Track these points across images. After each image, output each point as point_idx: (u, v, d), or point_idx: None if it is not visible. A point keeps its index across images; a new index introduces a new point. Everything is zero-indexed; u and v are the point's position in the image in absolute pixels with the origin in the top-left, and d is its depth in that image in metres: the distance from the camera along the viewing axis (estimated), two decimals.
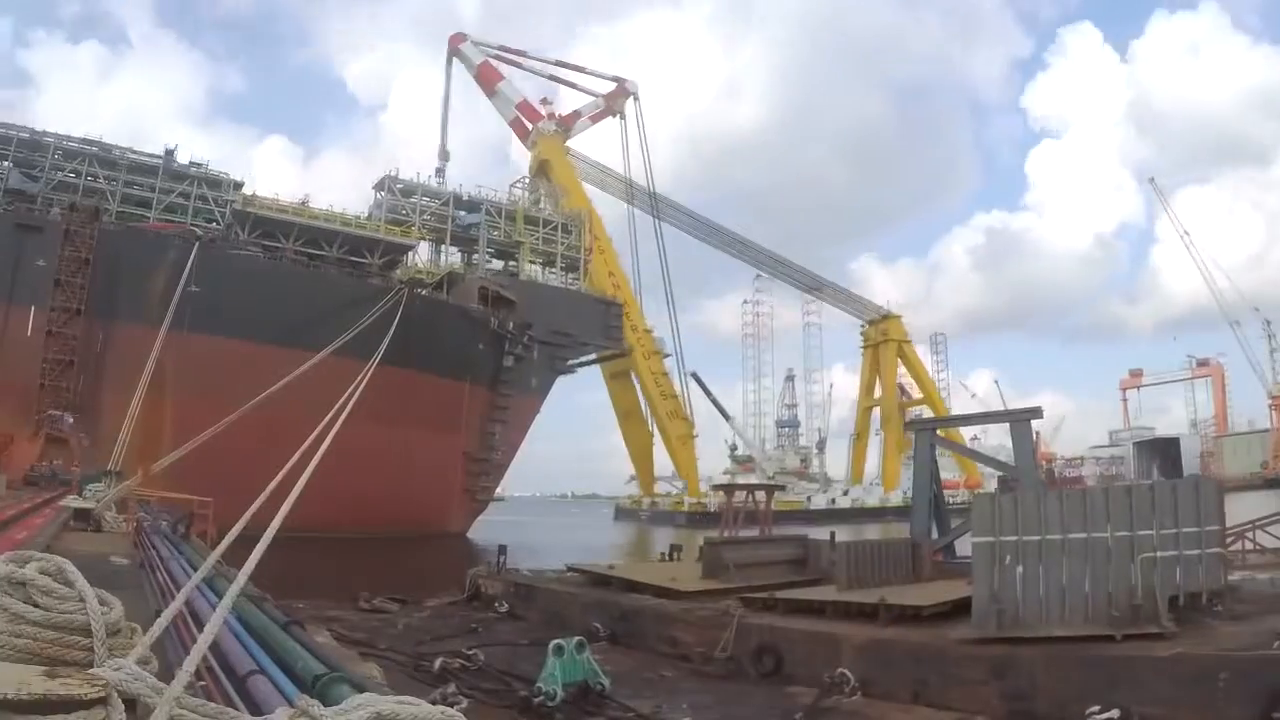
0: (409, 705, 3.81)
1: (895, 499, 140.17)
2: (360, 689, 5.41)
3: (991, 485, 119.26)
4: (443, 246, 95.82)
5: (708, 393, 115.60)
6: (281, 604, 14.26)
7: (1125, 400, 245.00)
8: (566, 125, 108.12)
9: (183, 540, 23.44)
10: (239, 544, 8.96)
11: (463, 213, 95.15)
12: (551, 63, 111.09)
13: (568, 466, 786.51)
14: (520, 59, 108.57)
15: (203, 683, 6.24)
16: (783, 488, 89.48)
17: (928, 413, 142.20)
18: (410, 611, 33.43)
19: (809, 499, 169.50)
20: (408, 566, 53.19)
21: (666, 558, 41.01)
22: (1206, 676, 16.17)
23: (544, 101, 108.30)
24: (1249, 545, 36.62)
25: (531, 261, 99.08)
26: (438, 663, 22.08)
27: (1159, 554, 19.59)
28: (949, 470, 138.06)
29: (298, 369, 52.68)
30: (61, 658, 3.89)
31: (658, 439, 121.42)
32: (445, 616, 32.62)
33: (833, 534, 38.02)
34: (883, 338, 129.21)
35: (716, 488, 52.68)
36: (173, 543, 21.01)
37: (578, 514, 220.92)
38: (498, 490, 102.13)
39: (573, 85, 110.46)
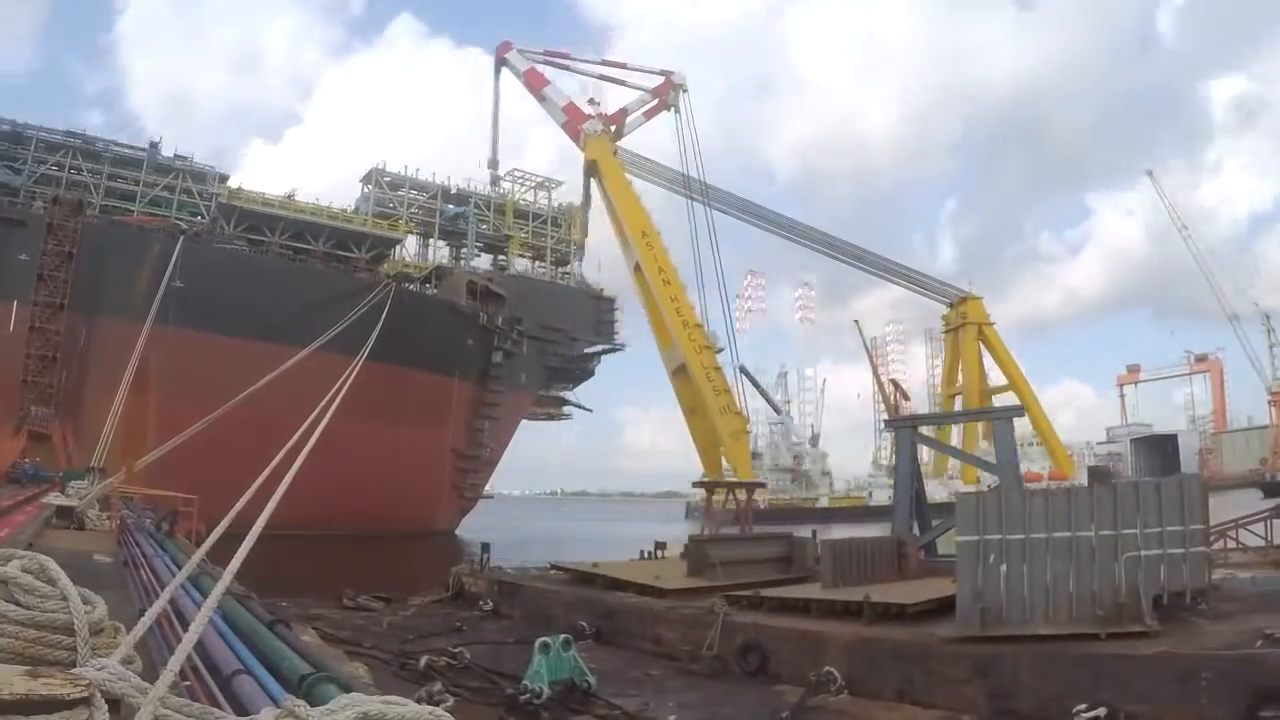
0: (396, 705, 3.86)
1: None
2: (347, 689, 5.46)
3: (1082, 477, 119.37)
4: (431, 240, 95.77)
5: (758, 387, 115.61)
6: (267, 602, 14.31)
7: (1123, 396, 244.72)
8: (614, 123, 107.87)
9: (167, 538, 23.46)
10: (224, 542, 9.01)
11: (451, 206, 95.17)
12: (596, 62, 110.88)
13: (555, 464, 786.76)
14: (566, 62, 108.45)
15: (187, 683, 6.29)
16: (763, 485, 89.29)
17: (1013, 401, 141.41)
18: (395, 610, 33.40)
19: (870, 494, 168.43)
20: (394, 565, 53.19)
21: (650, 555, 41.00)
22: (1190, 675, 16.25)
23: (591, 102, 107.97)
24: (1231, 544, 36.75)
25: (520, 255, 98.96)
26: (423, 661, 22.11)
27: (1143, 553, 19.67)
28: (1035, 462, 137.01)
29: (283, 365, 52.63)
30: (44, 657, 3.93)
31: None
32: (429, 615, 32.60)
33: (814, 532, 38.07)
34: (962, 321, 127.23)
35: (697, 484, 52.24)
36: (157, 541, 21.04)
37: (609, 511, 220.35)
38: (486, 488, 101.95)
39: (621, 82, 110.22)
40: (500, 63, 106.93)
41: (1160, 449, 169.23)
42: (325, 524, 59.00)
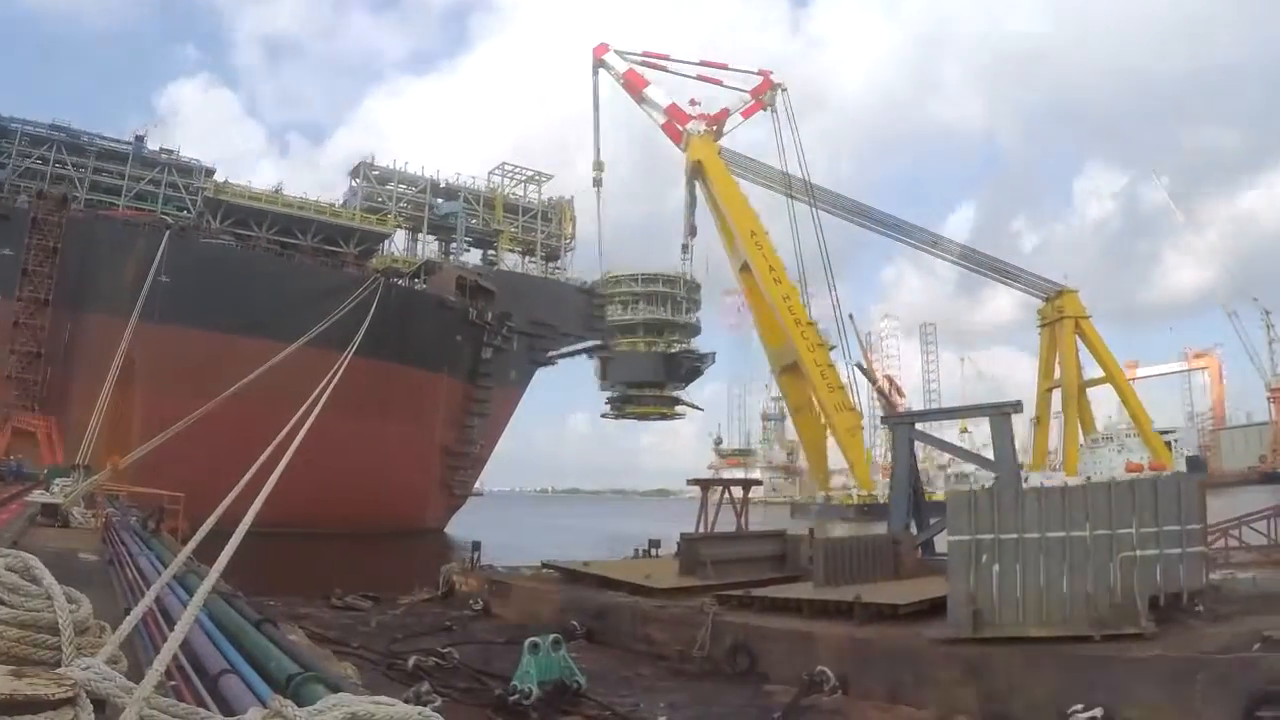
0: (384, 705, 3.87)
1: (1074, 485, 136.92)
2: (335, 689, 5.47)
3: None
4: (420, 235, 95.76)
5: (873, 383, 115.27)
6: (253, 601, 14.31)
7: None
8: (716, 124, 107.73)
9: (153, 536, 23.43)
10: (210, 540, 9.02)
11: (440, 200, 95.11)
12: (695, 64, 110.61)
13: (544, 462, 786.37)
14: (664, 63, 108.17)
15: (173, 682, 6.30)
16: (759, 482, 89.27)
17: (1110, 393, 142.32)
18: (383, 609, 33.37)
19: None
20: (383, 563, 53.17)
21: (644, 554, 40.99)
22: (1185, 678, 16.24)
23: (692, 103, 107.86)
24: (1233, 543, 36.73)
25: (510, 250, 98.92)
26: (411, 661, 22.07)
27: (1139, 553, 19.66)
28: (1134, 452, 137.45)
29: (270, 361, 52.60)
30: (28, 657, 3.94)
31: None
32: (419, 614, 32.55)
33: (811, 530, 38.08)
34: (1058, 315, 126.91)
35: (692, 482, 52.27)
36: (142, 539, 21.01)
37: (624, 506, 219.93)
38: (476, 485, 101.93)
39: (717, 82, 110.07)
40: (598, 64, 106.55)
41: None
42: (313, 522, 59.02)
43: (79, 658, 3.95)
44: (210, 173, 79.92)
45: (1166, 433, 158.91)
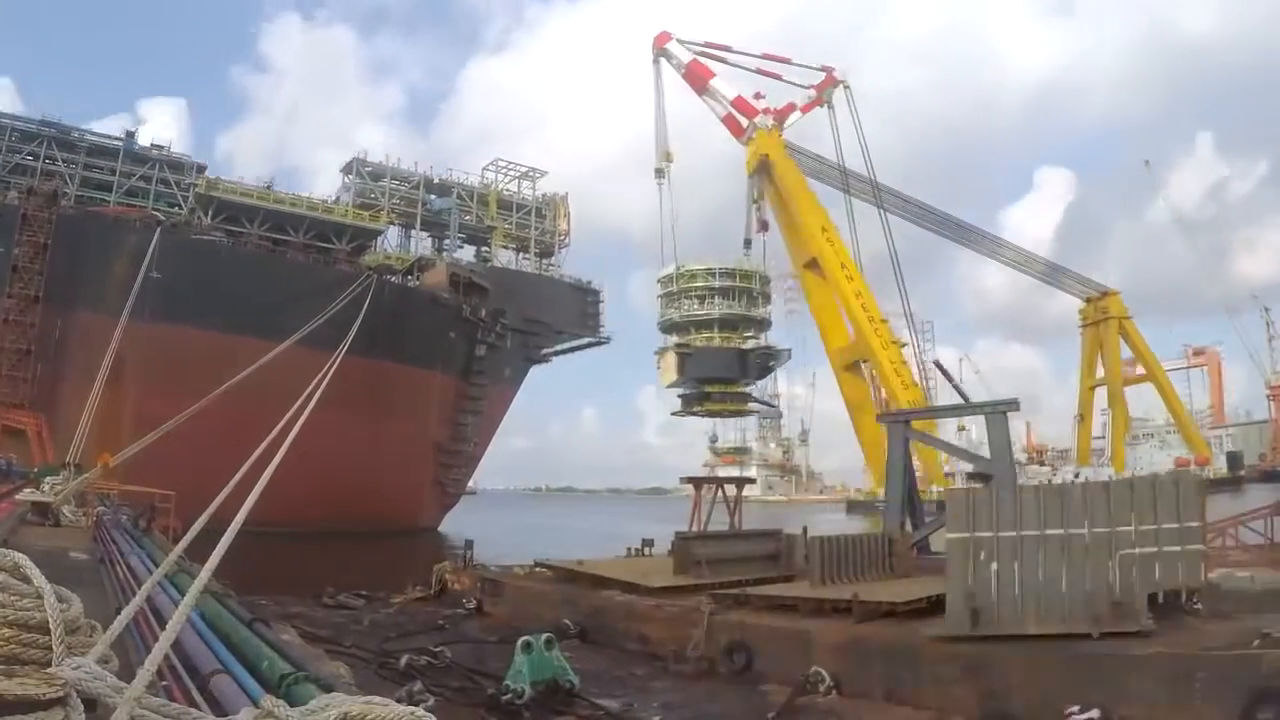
0: (377, 705, 3.85)
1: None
2: (328, 689, 5.47)
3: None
4: (412, 231, 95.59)
5: (950, 380, 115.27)
6: (245, 600, 14.29)
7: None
8: (782, 118, 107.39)
9: (144, 535, 23.45)
10: (202, 539, 9.00)
11: (433, 197, 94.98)
12: (757, 56, 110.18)
13: (538, 460, 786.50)
14: (725, 54, 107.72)
15: (165, 682, 6.29)
16: (753, 481, 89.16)
17: (1151, 392, 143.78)
18: (376, 608, 33.42)
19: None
20: (375, 562, 53.09)
21: (638, 552, 40.98)
22: (1184, 676, 16.25)
23: (757, 96, 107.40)
24: (1231, 541, 36.74)
25: (504, 246, 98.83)
26: (404, 660, 22.10)
27: (1138, 551, 19.67)
28: (1175, 449, 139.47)
29: (262, 358, 52.55)
30: (19, 656, 3.91)
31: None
32: (411, 613, 32.60)
33: (805, 529, 38.11)
34: (1102, 315, 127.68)
35: (686, 480, 52.04)
36: (133, 537, 21.04)
37: (627, 507, 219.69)
38: (470, 483, 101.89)
39: (777, 77, 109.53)
40: (659, 53, 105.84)
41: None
42: (305, 520, 59.02)
43: (70, 657, 3.92)
44: (201, 169, 79.74)
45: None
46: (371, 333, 64.48)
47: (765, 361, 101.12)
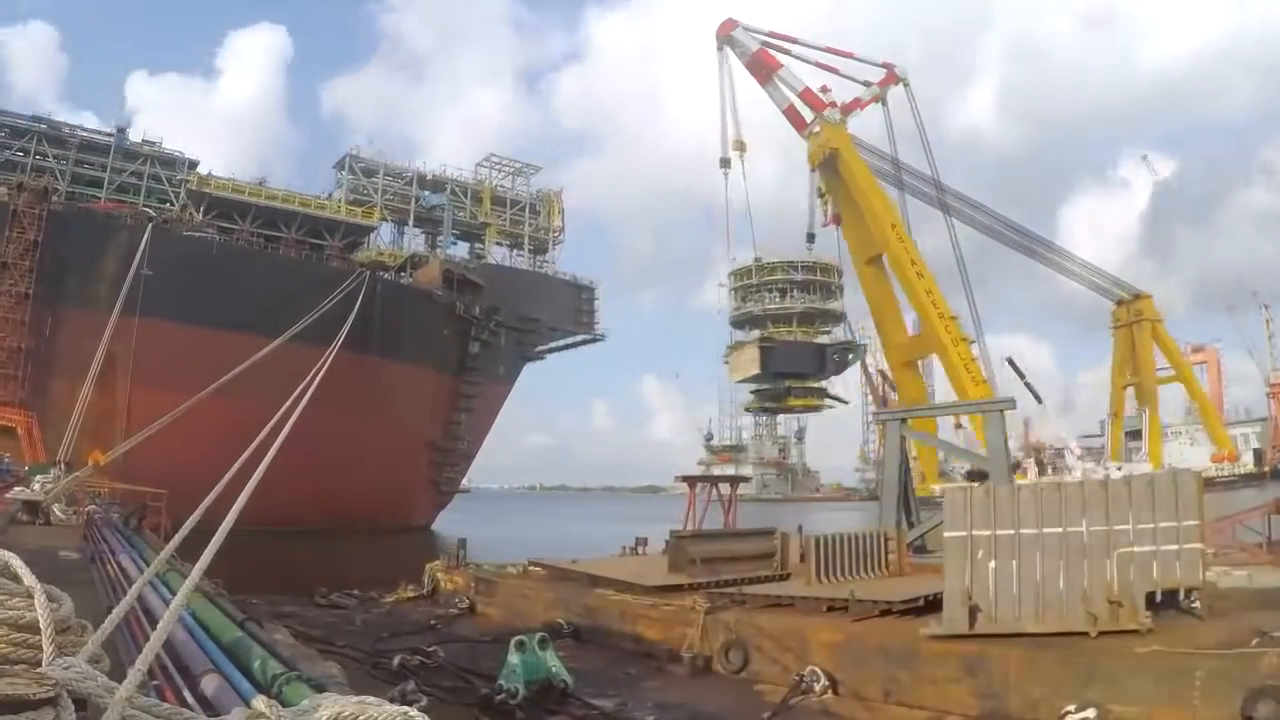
0: (370, 706, 3.84)
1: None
2: (320, 689, 5.47)
3: None
4: (406, 228, 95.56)
5: (1022, 376, 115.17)
6: (237, 600, 14.30)
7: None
8: (848, 113, 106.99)
9: (135, 534, 23.48)
10: (193, 538, 9.00)
11: (427, 193, 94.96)
12: (820, 49, 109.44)
13: (531, 458, 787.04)
14: (790, 45, 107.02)
15: (156, 682, 6.30)
16: (748, 479, 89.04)
17: (1181, 392, 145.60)
18: (368, 607, 33.40)
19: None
20: (368, 561, 53.10)
21: (632, 551, 41.01)
22: (1182, 675, 16.26)
23: (824, 90, 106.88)
24: (1229, 540, 36.75)
25: (498, 243, 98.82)
26: (396, 660, 22.07)
27: (1136, 549, 19.70)
28: (1205, 446, 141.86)
29: (254, 356, 52.55)
30: (8, 656, 3.89)
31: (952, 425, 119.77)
32: (404, 613, 32.60)
33: (800, 527, 38.13)
34: (1136, 318, 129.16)
35: (680, 479, 51.97)
36: (124, 536, 21.05)
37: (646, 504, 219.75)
38: (463, 482, 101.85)
39: (835, 71, 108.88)
40: (723, 41, 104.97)
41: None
42: (297, 519, 59.01)
43: (60, 657, 3.90)
44: (193, 165, 79.58)
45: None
46: (364, 330, 64.63)
47: (844, 356, 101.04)
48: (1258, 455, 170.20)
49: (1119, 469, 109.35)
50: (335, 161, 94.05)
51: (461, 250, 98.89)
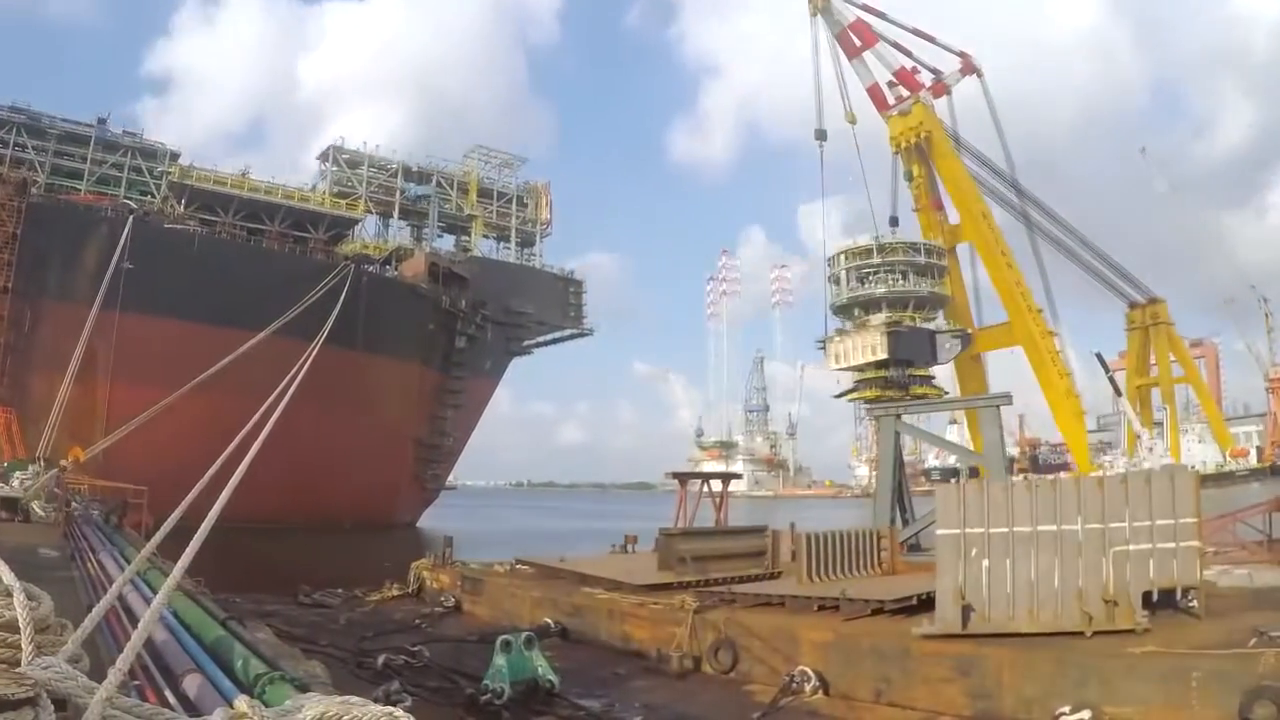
0: (355, 706, 3.84)
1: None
2: (304, 689, 5.48)
3: None
4: (391, 220, 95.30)
5: (1107, 371, 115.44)
6: (219, 598, 14.29)
7: (1114, 382, 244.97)
8: (939, 95, 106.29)
9: (115, 531, 23.45)
10: (175, 535, 9.00)
11: (412, 185, 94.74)
12: (908, 30, 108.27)
13: (519, 454, 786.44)
14: (880, 21, 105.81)
15: (137, 682, 6.29)
16: (739, 476, 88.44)
17: (1190, 393, 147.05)
18: (353, 606, 33.35)
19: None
20: (353, 559, 53.07)
21: (621, 549, 40.98)
22: (1179, 675, 16.27)
23: (915, 70, 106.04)
24: (1230, 538, 36.71)
25: (484, 236, 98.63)
26: (381, 660, 22.05)
27: (1132, 547, 19.70)
28: (1210, 443, 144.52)
29: (237, 350, 52.50)
30: None
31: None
32: (389, 611, 32.56)
33: (792, 525, 38.16)
34: (1152, 321, 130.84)
35: (670, 476, 51.79)
36: (105, 534, 21.04)
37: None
38: (449, 478, 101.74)
39: (908, 53, 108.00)
40: (817, 9, 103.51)
41: None
42: (280, 516, 58.98)
43: (39, 656, 3.91)
44: (175, 156, 79.42)
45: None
46: (348, 324, 64.53)
47: (955, 344, 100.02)
48: (1259, 452, 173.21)
49: (1144, 459, 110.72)
50: (319, 153, 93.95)
51: (447, 243, 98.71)
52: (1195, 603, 20.68)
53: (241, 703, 3.98)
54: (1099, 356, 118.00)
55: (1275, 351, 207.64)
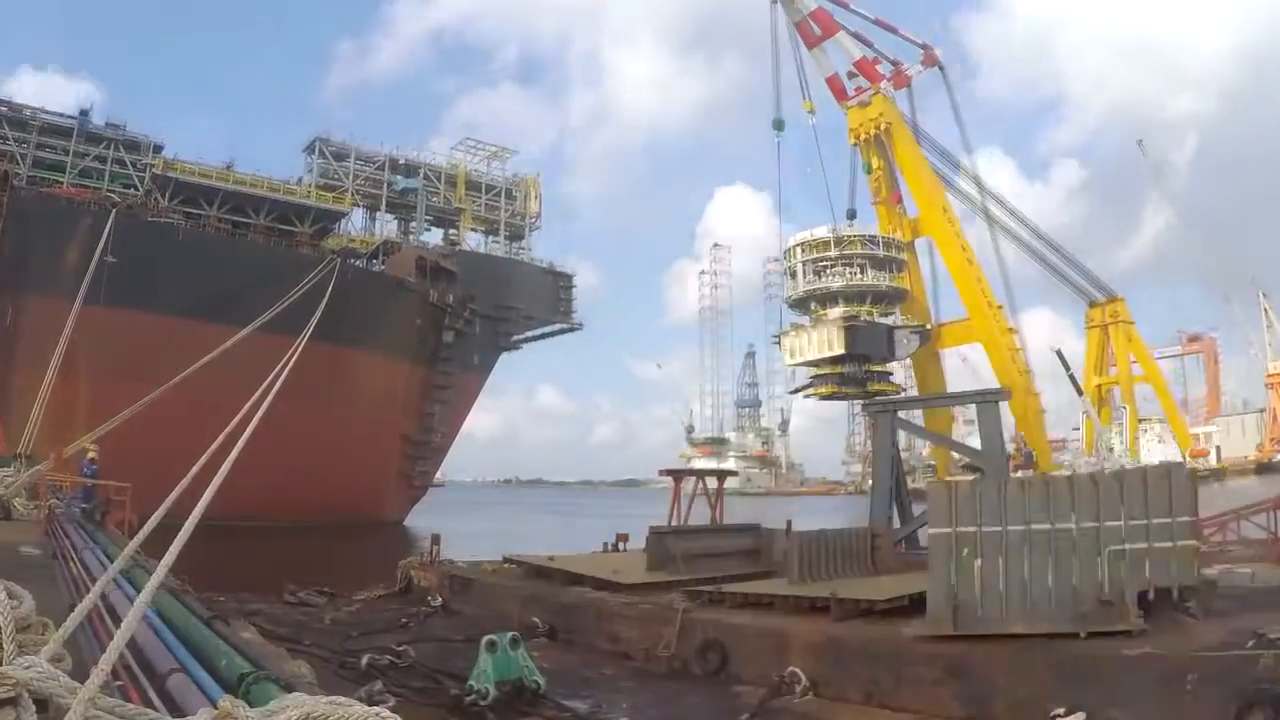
0: (340, 706, 3.87)
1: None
2: (289, 689, 5.49)
3: None
4: (378, 213, 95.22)
5: (1067, 368, 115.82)
6: (203, 597, 14.31)
7: None
8: (900, 87, 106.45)
9: (98, 529, 23.46)
10: (159, 533, 9.02)
11: (399, 177, 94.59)
12: (870, 20, 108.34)
13: (507, 451, 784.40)
14: (842, 8, 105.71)
15: (119, 682, 6.30)
16: (735, 473, 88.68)
17: (1152, 393, 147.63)
18: (338, 605, 33.31)
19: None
20: (339, 557, 53.10)
21: (612, 547, 40.96)
22: (1175, 677, 16.26)
23: (875, 62, 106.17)
24: (1231, 536, 36.73)
25: (473, 229, 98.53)
26: (365, 659, 22.03)
27: (1127, 547, 19.71)
28: (1170, 444, 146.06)
29: (221, 346, 52.45)
30: None
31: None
32: (375, 611, 32.50)
33: (789, 523, 38.14)
34: (1112, 319, 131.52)
35: (664, 472, 51.72)
36: (87, 532, 21.05)
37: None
38: (437, 475, 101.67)
39: (871, 44, 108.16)
40: None
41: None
42: (265, 514, 59.08)
43: (21, 656, 3.94)
44: (159, 148, 79.29)
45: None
46: (335, 319, 64.32)
47: (914, 340, 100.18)
48: (1218, 451, 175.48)
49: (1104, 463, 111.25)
50: (305, 145, 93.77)
51: (435, 236, 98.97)
52: (1193, 603, 20.71)
53: (226, 703, 4.02)
54: (1059, 354, 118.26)
55: (1276, 346, 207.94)
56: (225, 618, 10.79)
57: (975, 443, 38.84)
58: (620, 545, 40.59)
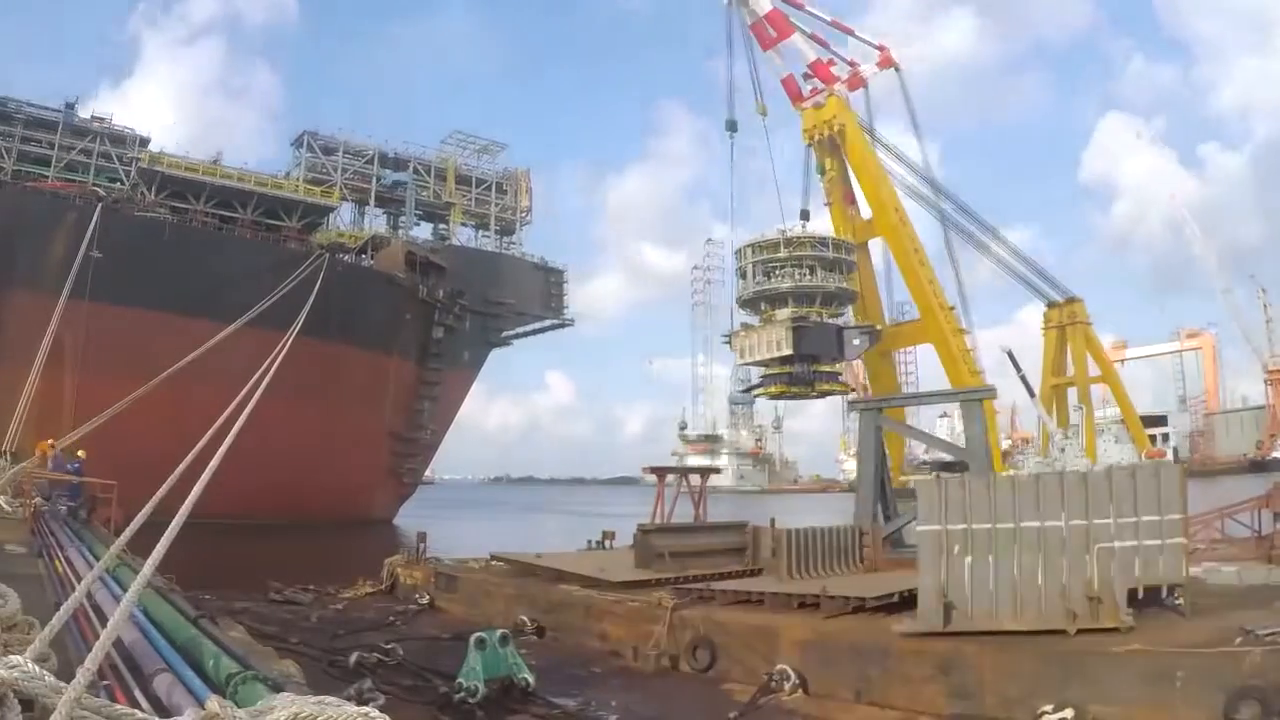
0: (329, 706, 3.92)
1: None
2: (277, 688, 5.54)
3: None
4: (366, 208, 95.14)
5: (1018, 369, 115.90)
6: (190, 596, 14.35)
7: None
8: (855, 89, 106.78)
9: (84, 527, 23.49)
10: (145, 531, 9.05)
11: (388, 171, 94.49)
12: (826, 21, 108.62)
13: (498, 448, 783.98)
14: (798, 10, 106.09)
15: (106, 682, 6.35)
16: (719, 470, 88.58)
17: (1108, 392, 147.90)
18: (325, 603, 33.32)
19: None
20: (326, 555, 53.06)
21: (598, 545, 40.95)
22: (1163, 674, 16.36)
23: (830, 63, 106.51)
24: (1217, 535, 36.81)
25: (463, 224, 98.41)
26: (353, 658, 22.06)
27: (1116, 544, 19.78)
28: (1127, 444, 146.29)
29: (209, 341, 52.44)
30: None
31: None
32: (362, 609, 32.52)
33: (773, 520, 38.18)
34: (1070, 320, 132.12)
35: (649, 470, 51.83)
36: (73, 529, 21.08)
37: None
38: (426, 473, 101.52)
39: (826, 45, 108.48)
40: None
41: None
42: (253, 512, 58.93)
43: (5, 655, 3.98)
44: (145, 142, 79.21)
45: (1157, 418, 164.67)
46: (323, 314, 64.31)
47: (864, 340, 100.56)
48: (1180, 446, 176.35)
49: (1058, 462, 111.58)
50: (293, 139, 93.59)
51: (425, 231, 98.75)
52: (1181, 600, 20.79)
53: (213, 703, 4.06)
54: (1010, 355, 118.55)
55: (1274, 341, 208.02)
56: (212, 616, 10.82)
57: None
58: (606, 543, 40.62)
